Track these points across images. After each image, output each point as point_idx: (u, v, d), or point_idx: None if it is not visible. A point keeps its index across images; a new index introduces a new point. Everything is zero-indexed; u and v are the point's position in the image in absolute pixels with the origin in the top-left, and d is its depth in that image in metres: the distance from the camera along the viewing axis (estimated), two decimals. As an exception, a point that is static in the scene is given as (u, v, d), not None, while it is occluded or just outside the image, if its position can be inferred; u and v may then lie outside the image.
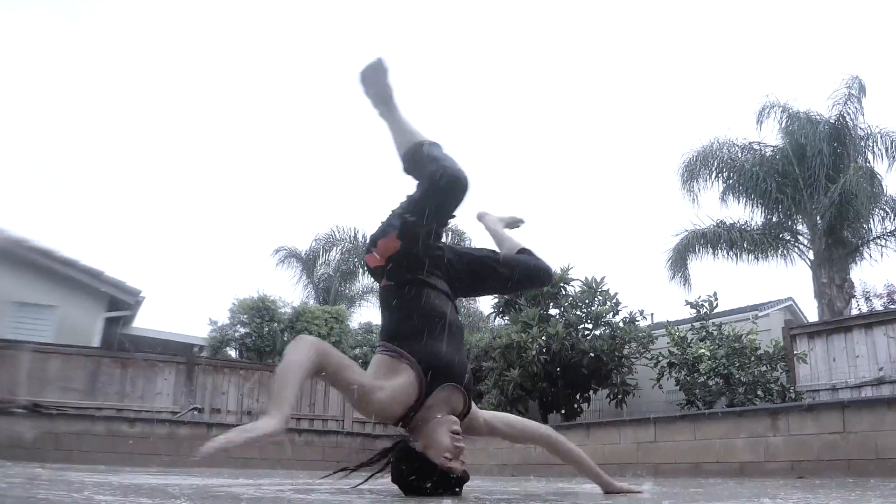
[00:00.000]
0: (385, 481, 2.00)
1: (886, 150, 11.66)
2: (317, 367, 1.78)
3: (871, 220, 11.74)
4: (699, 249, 12.13)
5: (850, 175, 10.76)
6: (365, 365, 2.02)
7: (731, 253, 12.08)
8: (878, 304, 15.53)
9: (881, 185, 11.74)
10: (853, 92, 11.64)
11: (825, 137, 11.63)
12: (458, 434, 1.92)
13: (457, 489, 1.95)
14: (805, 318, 12.81)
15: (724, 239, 11.99)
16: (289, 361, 1.74)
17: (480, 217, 2.76)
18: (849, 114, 11.72)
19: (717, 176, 12.41)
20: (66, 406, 7.71)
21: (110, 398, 8.39)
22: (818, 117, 11.94)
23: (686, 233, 12.22)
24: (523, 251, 2.50)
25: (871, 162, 11.79)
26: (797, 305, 13.35)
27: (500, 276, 2.35)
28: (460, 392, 2.03)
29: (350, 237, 15.91)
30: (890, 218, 11.80)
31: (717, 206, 12.63)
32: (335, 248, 15.90)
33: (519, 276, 2.42)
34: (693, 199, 12.50)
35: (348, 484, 2.20)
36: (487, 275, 2.34)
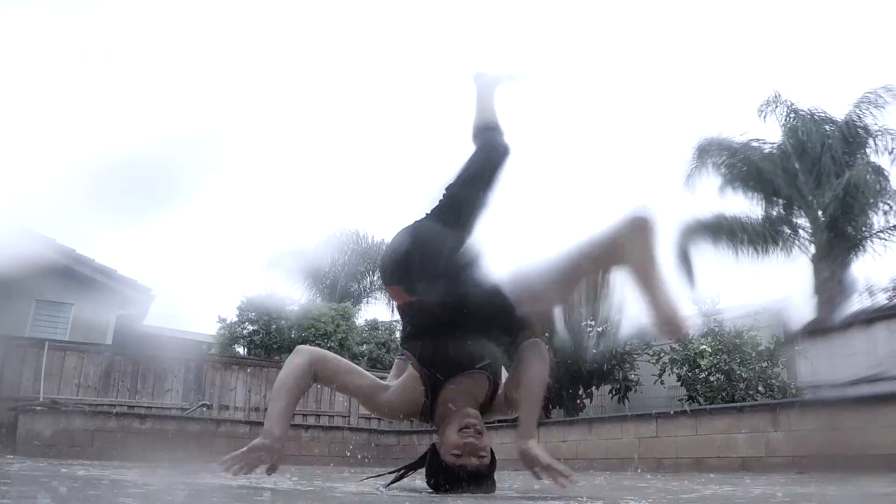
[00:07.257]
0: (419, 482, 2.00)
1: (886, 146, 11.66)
2: (311, 378, 1.91)
3: (875, 215, 11.75)
4: (700, 241, 12.18)
5: (855, 169, 10.77)
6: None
7: (731, 245, 12.13)
8: (882, 298, 15.45)
9: (887, 180, 11.76)
10: (870, 97, 11.67)
11: (828, 134, 11.65)
12: (469, 428, 1.81)
13: (485, 483, 1.83)
14: (805, 314, 12.81)
15: (725, 230, 12.06)
16: (279, 378, 1.90)
17: (477, 78, 2.55)
18: (856, 113, 11.74)
19: (718, 169, 12.47)
20: (81, 403, 7.88)
21: (122, 395, 8.57)
22: (822, 115, 11.97)
23: (686, 224, 12.27)
24: (488, 129, 2.34)
25: (879, 157, 11.80)
26: (797, 302, 13.36)
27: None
28: (482, 376, 1.94)
29: (354, 239, 16.10)
30: (894, 212, 11.80)
31: (717, 198, 12.73)
32: (341, 248, 16.04)
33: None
34: (694, 191, 12.60)
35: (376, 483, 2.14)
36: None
